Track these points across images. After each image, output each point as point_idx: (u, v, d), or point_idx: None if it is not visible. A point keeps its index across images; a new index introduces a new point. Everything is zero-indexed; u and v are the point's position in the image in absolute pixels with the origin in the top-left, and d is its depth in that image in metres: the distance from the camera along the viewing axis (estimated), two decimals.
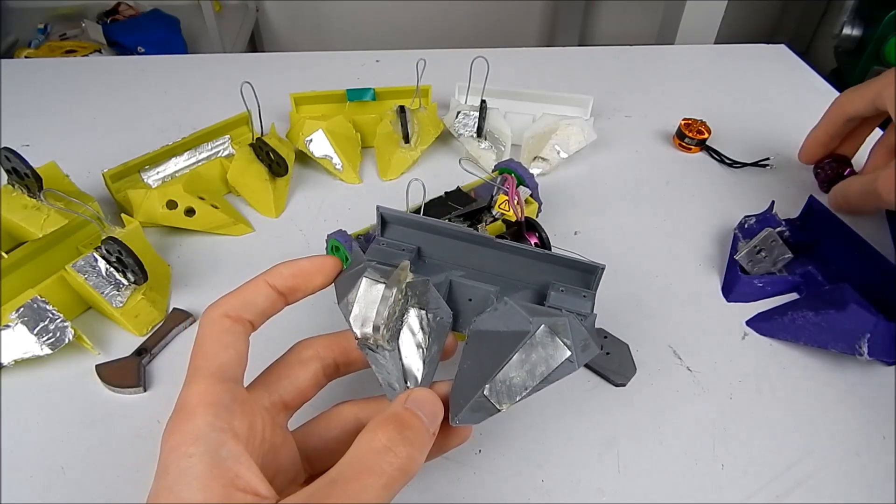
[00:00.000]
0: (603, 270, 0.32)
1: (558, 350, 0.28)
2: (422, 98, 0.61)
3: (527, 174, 0.50)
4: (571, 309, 0.31)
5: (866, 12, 1.34)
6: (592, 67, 0.79)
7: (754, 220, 0.49)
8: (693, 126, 0.62)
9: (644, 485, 0.35)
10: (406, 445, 0.24)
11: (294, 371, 0.30)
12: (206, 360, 0.26)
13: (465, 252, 0.34)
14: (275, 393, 0.29)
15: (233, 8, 1.73)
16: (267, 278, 0.29)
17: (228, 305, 0.28)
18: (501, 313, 0.29)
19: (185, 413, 0.24)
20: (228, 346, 0.27)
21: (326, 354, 0.31)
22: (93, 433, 0.37)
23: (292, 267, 0.30)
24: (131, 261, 0.41)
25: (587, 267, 0.32)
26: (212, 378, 0.25)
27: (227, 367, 0.26)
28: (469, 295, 0.32)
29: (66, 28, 1.55)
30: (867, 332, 0.38)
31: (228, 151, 0.55)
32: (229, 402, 0.25)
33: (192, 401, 0.24)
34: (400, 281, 0.29)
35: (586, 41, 1.98)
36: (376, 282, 0.29)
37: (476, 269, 0.34)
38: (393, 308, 0.29)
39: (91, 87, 0.72)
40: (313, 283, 0.30)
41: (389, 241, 0.34)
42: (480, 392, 0.27)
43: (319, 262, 0.30)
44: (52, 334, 0.39)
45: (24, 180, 0.46)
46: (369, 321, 0.28)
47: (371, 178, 0.59)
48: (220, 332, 0.27)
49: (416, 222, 0.34)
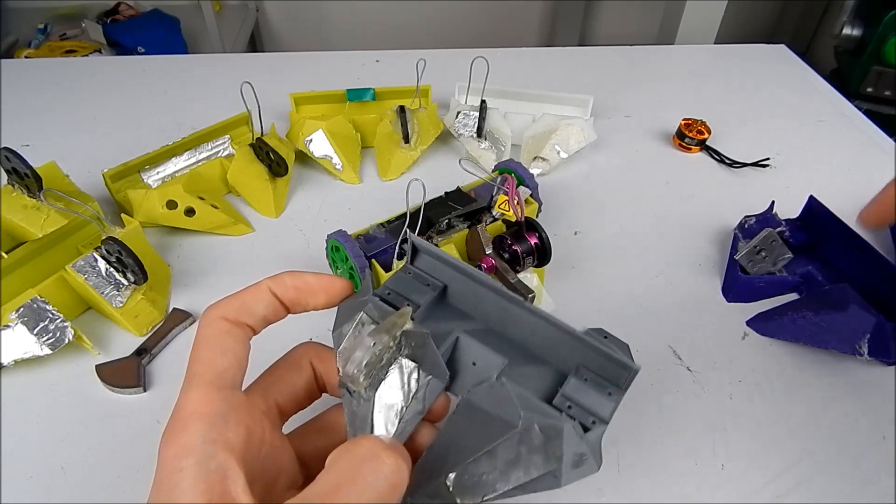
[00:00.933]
0: (636, 373, 0.26)
1: (543, 459, 0.24)
2: (422, 98, 0.61)
3: (527, 174, 0.50)
4: (587, 407, 0.26)
5: (866, 12, 1.34)
6: (592, 67, 0.79)
7: (754, 220, 0.49)
8: (693, 126, 0.62)
9: (644, 485, 0.35)
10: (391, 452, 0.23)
11: (290, 376, 0.29)
12: (203, 365, 0.25)
13: (493, 304, 0.30)
14: (270, 397, 0.28)
15: (233, 8, 1.73)
16: (271, 285, 0.28)
17: (228, 308, 0.27)
18: (496, 393, 0.26)
19: (179, 423, 0.24)
20: (227, 351, 0.26)
21: (317, 366, 0.30)
22: (93, 433, 0.37)
23: (297, 279, 0.28)
24: (131, 261, 0.41)
25: (620, 363, 0.27)
26: (209, 385, 0.25)
27: (226, 372, 0.25)
28: (475, 358, 0.28)
29: (66, 28, 1.55)
30: (867, 332, 0.38)
31: (228, 151, 0.55)
32: (225, 411, 0.24)
33: (186, 410, 0.24)
34: (394, 327, 0.26)
35: (586, 41, 1.98)
36: (372, 321, 0.27)
37: (498, 327, 0.30)
38: (378, 356, 0.26)
39: (91, 87, 0.72)
40: (315, 301, 0.29)
41: (418, 270, 0.30)
42: (444, 477, 0.24)
43: (327, 281, 0.29)
44: (52, 334, 0.39)
45: (24, 180, 0.46)
46: (353, 362, 0.26)
47: (371, 178, 0.59)
48: (218, 335, 0.26)
49: (447, 260, 0.30)
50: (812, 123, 0.67)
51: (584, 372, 0.27)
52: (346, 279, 0.29)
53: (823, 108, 0.72)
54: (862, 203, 0.57)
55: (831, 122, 0.69)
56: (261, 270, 0.48)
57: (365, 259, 0.42)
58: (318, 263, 0.48)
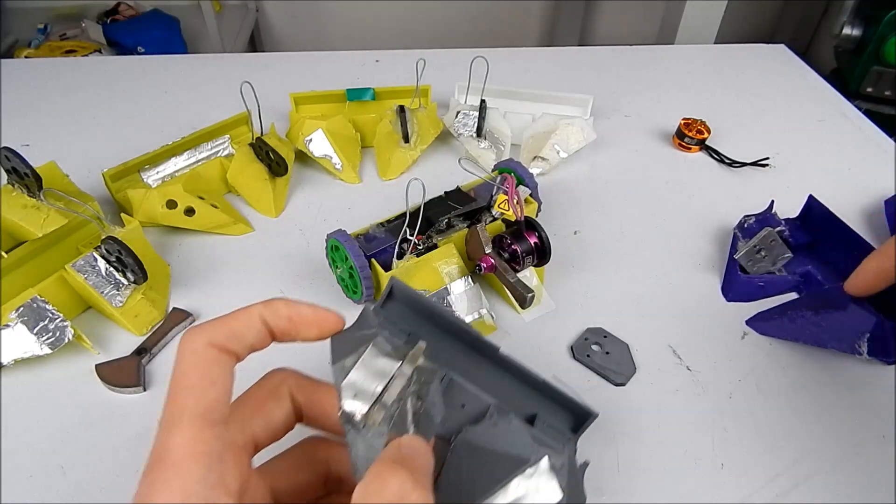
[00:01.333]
0: (594, 418, 0.30)
1: (549, 490, 0.24)
2: (421, 98, 0.61)
3: (526, 174, 0.50)
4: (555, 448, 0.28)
5: (866, 12, 1.34)
6: (592, 67, 0.79)
7: (754, 219, 0.49)
8: (693, 126, 0.62)
9: (644, 485, 0.35)
10: (421, 490, 0.21)
11: (268, 406, 0.27)
12: (191, 397, 0.23)
13: (461, 355, 0.31)
14: (248, 430, 0.25)
15: (233, 8, 1.73)
16: (263, 312, 0.26)
17: (216, 334, 0.25)
18: (502, 431, 0.26)
19: (171, 465, 0.21)
20: (216, 382, 0.23)
21: (296, 395, 0.28)
22: (93, 433, 0.37)
23: (292, 309, 0.26)
24: (131, 260, 0.41)
25: (580, 410, 0.30)
26: (201, 421, 0.22)
27: (216, 406, 0.23)
28: (464, 400, 0.28)
29: (66, 28, 1.54)
30: (866, 332, 0.38)
31: (228, 151, 0.55)
32: (220, 451, 0.22)
33: (179, 450, 0.21)
34: (413, 362, 0.26)
35: (586, 41, 1.98)
36: (386, 354, 0.26)
37: (464, 373, 0.31)
38: (402, 390, 0.25)
39: (91, 87, 0.72)
40: (307, 333, 0.27)
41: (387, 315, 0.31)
42: None
43: (322, 314, 0.27)
44: (52, 334, 0.39)
45: (24, 180, 0.46)
46: (365, 395, 0.25)
47: (371, 177, 0.59)
48: (206, 364, 0.24)
49: (422, 306, 0.30)
50: (812, 123, 0.67)
51: (544, 421, 0.29)
52: (339, 314, 0.28)
53: (823, 108, 0.72)
54: (862, 202, 0.57)
55: (831, 122, 0.69)
56: (261, 270, 0.48)
57: (364, 258, 0.42)
58: (318, 263, 0.48)
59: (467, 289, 0.44)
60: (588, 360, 0.41)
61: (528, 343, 0.43)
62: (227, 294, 0.46)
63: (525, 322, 0.45)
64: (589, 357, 0.42)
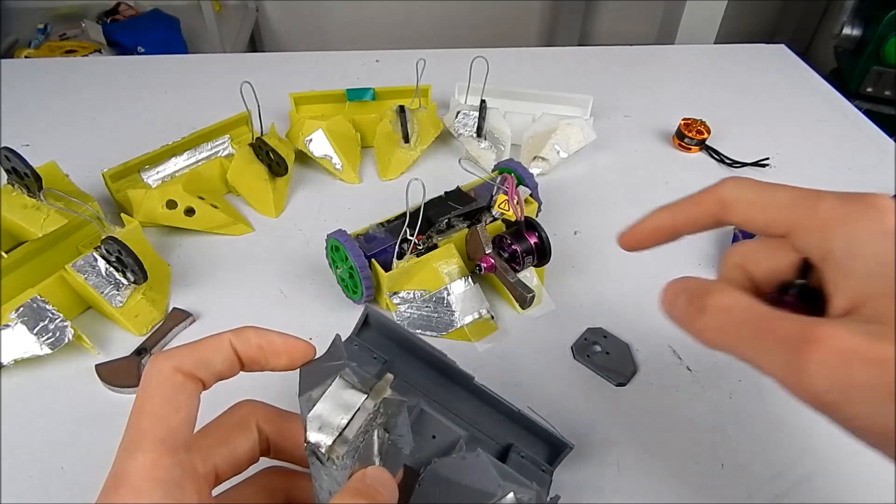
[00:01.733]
0: (570, 450, 0.30)
1: None
2: (421, 98, 0.61)
3: (526, 174, 0.50)
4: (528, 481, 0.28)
5: (866, 12, 1.34)
6: (592, 67, 0.79)
7: None
8: (693, 126, 0.62)
9: (644, 485, 0.35)
10: None
11: (233, 437, 0.26)
12: (154, 421, 0.23)
13: (437, 384, 0.31)
14: (210, 461, 0.25)
15: (233, 8, 1.73)
16: (233, 339, 0.26)
17: (183, 360, 0.24)
18: (469, 464, 0.26)
19: (129, 488, 0.21)
20: (180, 408, 0.23)
21: (264, 427, 0.27)
22: (93, 433, 0.37)
23: (262, 337, 0.26)
24: (131, 260, 0.41)
25: (556, 442, 0.30)
26: (161, 446, 0.22)
27: (178, 432, 0.23)
28: (435, 431, 0.28)
29: (66, 28, 1.54)
30: None
31: (228, 151, 0.55)
32: (180, 479, 0.22)
33: (138, 473, 0.21)
34: (379, 395, 0.26)
35: (586, 41, 1.98)
36: (352, 387, 0.26)
37: (442, 404, 0.31)
38: (366, 423, 0.25)
39: (91, 87, 0.72)
40: (277, 362, 0.27)
41: (362, 344, 0.31)
42: None
43: (292, 343, 0.27)
44: (52, 334, 0.39)
45: (24, 180, 0.46)
46: (329, 428, 0.25)
47: (371, 177, 0.59)
48: (171, 389, 0.23)
49: (398, 334, 0.31)
50: (812, 123, 0.67)
51: (520, 451, 0.30)
52: (309, 344, 0.28)
53: (823, 108, 0.72)
54: None
55: (831, 122, 0.69)
56: (261, 270, 0.48)
57: (364, 258, 0.42)
58: (318, 263, 0.48)
59: (467, 289, 0.44)
60: (588, 361, 0.41)
61: (529, 343, 0.43)
62: (227, 294, 0.46)
63: (525, 322, 0.45)
64: (589, 357, 0.42)
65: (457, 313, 0.43)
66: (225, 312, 0.45)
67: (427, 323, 0.43)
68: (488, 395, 0.31)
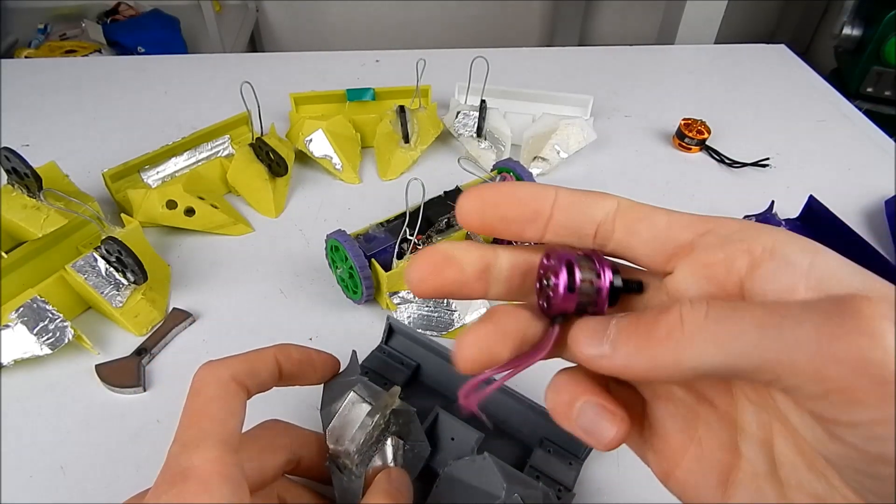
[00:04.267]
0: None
1: None
2: (422, 98, 0.60)
3: (526, 173, 0.50)
4: (553, 476, 0.29)
5: (866, 12, 1.34)
6: (592, 67, 0.79)
7: (754, 220, 0.49)
8: (693, 126, 0.62)
9: (644, 485, 0.35)
10: None
11: (265, 457, 0.27)
12: (214, 423, 0.23)
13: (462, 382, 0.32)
14: (249, 468, 0.26)
15: (233, 8, 1.73)
16: (278, 354, 0.27)
17: (238, 370, 0.25)
18: (479, 467, 0.27)
19: (196, 482, 0.21)
20: (236, 414, 0.24)
21: (297, 451, 0.28)
22: (93, 433, 0.37)
23: (302, 353, 0.28)
24: (131, 261, 0.41)
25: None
26: (224, 447, 0.22)
27: (233, 436, 0.23)
28: (453, 434, 0.30)
29: (66, 28, 1.54)
30: None
31: (228, 151, 0.55)
32: (240, 479, 0.22)
33: (206, 468, 0.21)
34: (386, 406, 0.27)
35: (586, 41, 1.98)
36: (362, 400, 0.27)
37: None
38: (371, 434, 0.27)
39: (91, 87, 0.72)
40: (312, 377, 0.28)
41: (392, 350, 0.33)
42: None
43: (326, 359, 0.29)
44: (52, 334, 0.39)
45: (24, 180, 0.46)
46: (343, 439, 0.26)
47: (371, 177, 0.59)
48: (229, 395, 0.24)
49: (420, 340, 0.32)
50: (812, 123, 0.67)
51: (548, 444, 0.31)
52: (336, 357, 0.30)
53: (823, 108, 0.72)
54: (862, 203, 0.57)
55: (831, 122, 0.69)
56: (261, 270, 0.48)
57: (364, 258, 0.42)
58: (318, 263, 0.48)
59: None
60: None
61: None
62: (227, 294, 0.46)
63: None
64: None
65: (457, 313, 0.43)
66: (225, 312, 0.45)
67: (427, 323, 0.43)
68: (513, 394, 0.32)
